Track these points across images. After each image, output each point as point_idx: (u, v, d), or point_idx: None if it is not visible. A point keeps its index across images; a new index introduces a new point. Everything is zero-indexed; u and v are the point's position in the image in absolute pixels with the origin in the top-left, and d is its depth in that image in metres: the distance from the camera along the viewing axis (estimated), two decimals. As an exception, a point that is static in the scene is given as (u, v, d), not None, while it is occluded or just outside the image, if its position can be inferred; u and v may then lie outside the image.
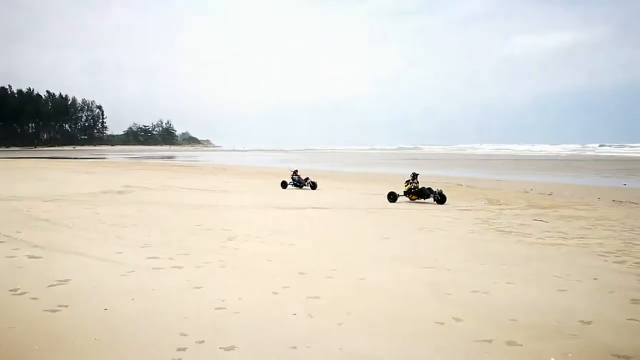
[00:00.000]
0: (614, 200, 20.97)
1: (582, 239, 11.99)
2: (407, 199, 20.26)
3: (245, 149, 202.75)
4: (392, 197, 20.07)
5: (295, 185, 26.19)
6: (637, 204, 19.89)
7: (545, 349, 5.35)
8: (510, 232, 13.06)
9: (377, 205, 18.74)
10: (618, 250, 10.65)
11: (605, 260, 9.73)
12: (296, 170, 26.93)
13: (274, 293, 7.23)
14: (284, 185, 26.41)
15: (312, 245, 10.95)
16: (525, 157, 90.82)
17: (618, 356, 5.19)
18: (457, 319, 6.23)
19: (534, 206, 18.78)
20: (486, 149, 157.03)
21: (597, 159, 76.41)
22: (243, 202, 18.99)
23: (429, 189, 19.89)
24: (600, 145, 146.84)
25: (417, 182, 20.39)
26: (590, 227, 13.90)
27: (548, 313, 6.49)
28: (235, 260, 9.31)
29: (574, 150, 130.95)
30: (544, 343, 5.52)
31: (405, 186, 20.49)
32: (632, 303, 6.98)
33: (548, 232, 13.03)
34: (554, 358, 5.13)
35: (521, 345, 5.44)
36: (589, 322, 6.15)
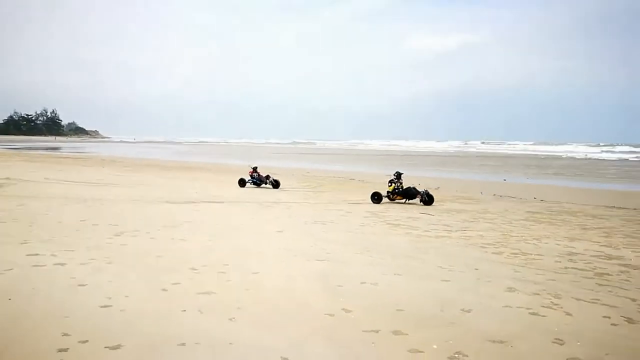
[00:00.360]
0: (494, 195, 22.39)
1: (465, 232, 12.68)
2: (388, 199, 19.03)
3: (136, 140, 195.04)
4: (377, 197, 18.66)
5: (254, 183, 24.14)
6: (515, 198, 21.34)
7: (429, 337, 5.61)
8: (398, 225, 13.56)
9: (271, 199, 18.77)
10: (497, 242, 11.38)
11: (485, 252, 10.37)
12: (255, 167, 24.77)
13: (163, 290, 7.05)
14: (241, 183, 24.22)
15: (205, 240, 10.75)
16: (413, 153, 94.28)
17: (493, 341, 5.54)
18: (347, 310, 6.38)
19: (421, 200, 19.56)
20: (376, 144, 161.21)
21: (480, 156, 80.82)
22: (133, 196, 18.32)
23: (414, 188, 18.95)
24: (482, 143, 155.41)
25: (402, 182, 19.26)
26: (472, 220, 14.73)
27: (432, 303, 6.81)
28: (122, 256, 8.96)
29: (459, 147, 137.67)
30: (428, 331, 5.78)
31: (389, 186, 19.11)
32: (508, 291, 7.49)
33: (434, 225, 13.66)
34: (436, 345, 5.39)
35: (406, 334, 5.67)
36: (469, 311, 6.52)
